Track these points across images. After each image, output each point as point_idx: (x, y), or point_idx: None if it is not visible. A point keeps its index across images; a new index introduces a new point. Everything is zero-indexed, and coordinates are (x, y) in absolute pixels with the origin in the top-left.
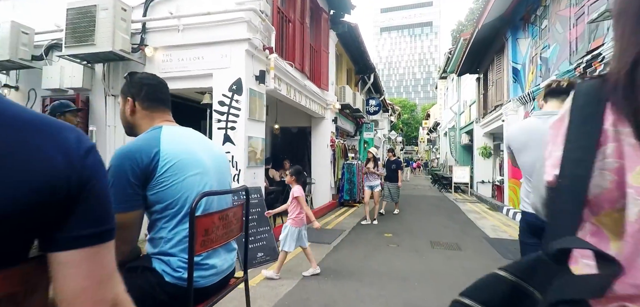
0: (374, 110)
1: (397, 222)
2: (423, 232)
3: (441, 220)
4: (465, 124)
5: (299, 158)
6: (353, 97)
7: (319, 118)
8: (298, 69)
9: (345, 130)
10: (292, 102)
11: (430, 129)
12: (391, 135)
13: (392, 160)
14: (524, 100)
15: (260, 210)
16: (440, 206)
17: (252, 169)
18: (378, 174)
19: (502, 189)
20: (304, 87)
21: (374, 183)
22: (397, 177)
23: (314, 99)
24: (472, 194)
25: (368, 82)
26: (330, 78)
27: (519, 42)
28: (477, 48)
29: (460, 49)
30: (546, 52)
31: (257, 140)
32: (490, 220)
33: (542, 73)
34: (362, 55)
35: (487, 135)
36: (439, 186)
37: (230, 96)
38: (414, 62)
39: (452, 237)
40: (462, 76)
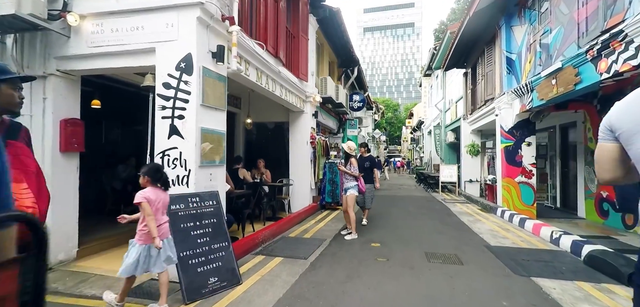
0: (358, 106)
1: (385, 228)
2: (416, 240)
3: (433, 224)
4: (451, 122)
5: (276, 156)
6: (335, 90)
7: (297, 112)
8: (271, 53)
9: (327, 127)
10: (264, 92)
11: (414, 127)
12: (375, 133)
13: (366, 157)
14: (520, 92)
15: (215, 221)
16: (430, 207)
17: (207, 168)
18: (350, 174)
19: (494, 188)
20: (278, 74)
21: (349, 185)
22: (373, 178)
23: (291, 90)
24: (460, 193)
25: (351, 76)
26: (310, 68)
27: (514, 30)
28: (466, 40)
29: (447, 43)
30: (547, 38)
31: (216, 134)
32: (486, 223)
33: (542, 60)
34: (345, 46)
35: (475, 133)
36: (424, 186)
37: (178, 77)
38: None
39: (449, 247)
40: (448, 72)
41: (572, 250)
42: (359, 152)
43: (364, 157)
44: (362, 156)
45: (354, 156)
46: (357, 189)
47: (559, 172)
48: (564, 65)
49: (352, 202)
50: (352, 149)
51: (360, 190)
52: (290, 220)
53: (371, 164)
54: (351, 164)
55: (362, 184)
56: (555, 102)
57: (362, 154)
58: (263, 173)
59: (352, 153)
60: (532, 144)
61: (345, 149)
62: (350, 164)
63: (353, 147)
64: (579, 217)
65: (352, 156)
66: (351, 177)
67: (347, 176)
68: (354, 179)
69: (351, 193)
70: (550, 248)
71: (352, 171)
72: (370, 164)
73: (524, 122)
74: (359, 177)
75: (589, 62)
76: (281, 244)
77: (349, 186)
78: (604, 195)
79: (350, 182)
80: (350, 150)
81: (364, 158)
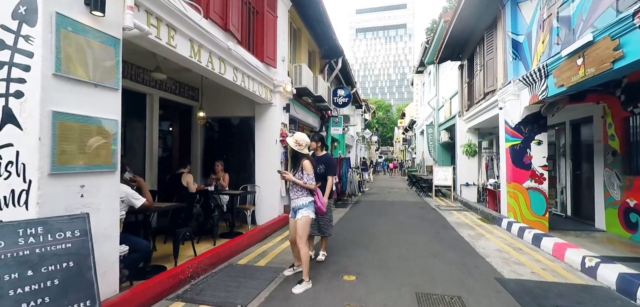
0: (343, 102)
1: (366, 248)
2: (404, 268)
3: (427, 242)
4: (445, 120)
5: (242, 158)
6: (314, 81)
7: (264, 105)
8: (218, 24)
9: (306, 124)
10: (210, 75)
11: (406, 128)
12: (365, 133)
13: (321, 156)
14: (530, 80)
15: (71, 268)
16: (422, 217)
17: (73, 179)
18: (303, 186)
19: (496, 194)
20: (228, 53)
21: (300, 202)
22: (328, 188)
23: (253, 76)
24: (455, 198)
25: (335, 67)
26: (280, 52)
27: (521, 7)
28: (462, 27)
29: (441, 32)
30: (567, 8)
31: (95, 124)
32: (492, 239)
33: (560, 38)
34: (326, 33)
35: (471, 131)
36: (417, 189)
37: (16, 29)
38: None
39: (448, 281)
40: (442, 68)
41: (619, 287)
42: (312, 148)
43: (318, 158)
44: (315, 156)
45: (307, 155)
46: (313, 209)
47: (569, 175)
48: (596, 38)
49: (305, 230)
50: (301, 144)
51: (319, 210)
52: (252, 236)
53: (326, 168)
54: (304, 169)
55: (322, 199)
56: (581, 88)
57: (315, 151)
58: (219, 178)
59: (303, 150)
60: (543, 143)
61: (291, 146)
62: (302, 168)
63: (304, 141)
64: (597, 230)
65: (303, 156)
66: (303, 191)
67: (297, 189)
68: (307, 192)
69: (305, 216)
70: (585, 282)
71: (306, 180)
72: (325, 167)
73: (533, 116)
74: (316, 191)
75: (637, 29)
76: (221, 278)
77: (299, 203)
78: (632, 204)
79: (301, 197)
80: (300, 147)
81: (319, 158)
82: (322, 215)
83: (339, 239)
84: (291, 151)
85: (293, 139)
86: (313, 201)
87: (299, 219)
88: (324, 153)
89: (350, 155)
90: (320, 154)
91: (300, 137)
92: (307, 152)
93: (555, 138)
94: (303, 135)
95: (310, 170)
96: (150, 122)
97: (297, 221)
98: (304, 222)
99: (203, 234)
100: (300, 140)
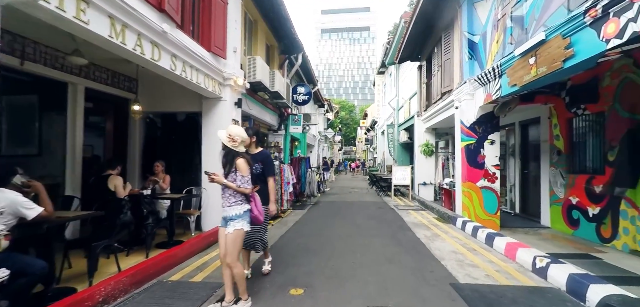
0: (303, 100)
1: (318, 255)
2: (357, 277)
3: (383, 244)
4: (405, 120)
5: (188, 157)
6: (270, 75)
7: (212, 99)
8: (149, 1)
9: (262, 122)
10: (138, 60)
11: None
12: (328, 133)
13: (257, 154)
14: (485, 79)
15: None
16: (380, 217)
17: None
18: (236, 190)
19: (451, 193)
20: (163, 36)
21: (232, 212)
22: (267, 191)
23: (198, 66)
24: (413, 197)
25: (296, 63)
26: (232, 42)
27: (477, 8)
28: (421, 26)
29: (401, 32)
30: (521, 8)
31: None
32: (447, 240)
33: (514, 38)
34: (284, 26)
35: (429, 131)
36: (377, 189)
37: None
38: (353, 65)
39: (403, 289)
40: (402, 68)
41: (569, 288)
42: (245, 144)
43: (254, 156)
44: (250, 153)
45: (242, 153)
46: (248, 219)
47: (518, 174)
48: (548, 37)
49: (236, 247)
50: (236, 140)
51: (256, 220)
52: (193, 245)
53: (264, 167)
54: (238, 170)
55: (259, 207)
56: (533, 87)
57: (249, 148)
58: (158, 180)
59: (238, 148)
60: (495, 143)
61: (223, 141)
62: (236, 168)
63: (239, 136)
64: (543, 226)
65: (238, 154)
66: (237, 197)
67: (229, 194)
68: (242, 199)
69: (237, 229)
70: (536, 283)
71: (240, 183)
72: (263, 166)
73: (487, 116)
74: (253, 196)
75: (588, 27)
76: (143, 300)
77: (232, 212)
78: (574, 201)
79: (234, 205)
80: (234, 144)
81: (254, 156)
82: (260, 224)
83: (291, 246)
84: (223, 148)
85: (225, 132)
86: (249, 209)
87: (229, 233)
88: (260, 150)
89: (311, 154)
90: (256, 151)
91: (235, 131)
92: (244, 149)
93: (506, 138)
94: (239, 128)
95: (245, 171)
96: (72, 116)
97: (227, 235)
98: (235, 236)
99: (137, 245)
100: (234, 134)
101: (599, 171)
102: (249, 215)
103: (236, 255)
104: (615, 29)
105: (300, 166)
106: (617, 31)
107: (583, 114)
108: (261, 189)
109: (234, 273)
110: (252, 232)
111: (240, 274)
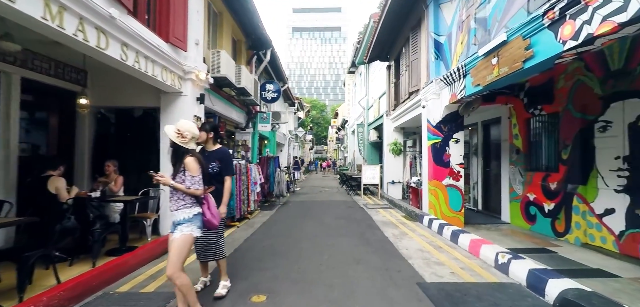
0: (272, 97)
1: (285, 257)
2: (324, 280)
3: (351, 245)
4: (374, 119)
5: (146, 157)
6: (236, 70)
7: (172, 94)
8: None
9: (228, 119)
10: (82, 48)
11: (339, 127)
12: (298, 132)
13: (214, 151)
14: (450, 79)
15: None
16: (350, 217)
17: None
18: (184, 191)
19: (418, 191)
20: (111, 22)
21: (180, 216)
22: (222, 194)
23: (154, 58)
24: (382, 196)
25: (264, 59)
26: (194, 34)
27: (443, 9)
28: (389, 26)
29: (370, 32)
30: (484, 9)
31: None
32: (414, 238)
33: (477, 39)
34: (251, 20)
35: (397, 130)
36: (347, 188)
37: None
38: (325, 64)
39: (369, 293)
40: (372, 68)
41: (529, 283)
42: (201, 140)
43: (210, 153)
44: (206, 150)
45: (192, 151)
46: (199, 224)
47: (480, 172)
48: (509, 38)
49: (181, 253)
50: (186, 136)
51: (209, 224)
52: (149, 251)
53: (222, 166)
54: (186, 169)
55: (213, 209)
56: (495, 87)
57: (206, 145)
58: (109, 182)
59: (188, 145)
60: (460, 142)
61: (171, 137)
62: (184, 167)
63: (189, 131)
64: (503, 222)
65: (187, 152)
66: (186, 199)
67: (178, 196)
68: (192, 201)
69: (184, 235)
70: (499, 279)
71: (189, 184)
72: (221, 165)
73: (452, 115)
74: (206, 198)
75: (546, 29)
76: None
77: (180, 216)
78: (531, 198)
79: (182, 208)
80: (183, 140)
81: (211, 154)
82: (214, 229)
83: (256, 248)
84: (171, 145)
85: (173, 128)
86: (200, 213)
87: (175, 238)
88: (218, 147)
89: (281, 154)
90: (213, 148)
91: (185, 126)
92: (194, 147)
93: (469, 137)
94: (188, 123)
95: (195, 170)
96: (5, 110)
97: (175, 242)
98: (181, 242)
99: (84, 253)
100: (184, 129)
101: (554, 168)
102: (200, 219)
103: (179, 264)
104: (572, 30)
105: (269, 165)
106: (573, 33)
107: (540, 114)
108: (218, 190)
109: (177, 286)
110: (207, 239)
111: (185, 286)
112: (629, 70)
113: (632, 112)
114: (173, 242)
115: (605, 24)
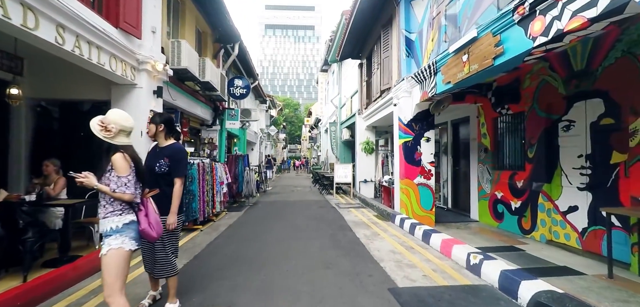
0: (240, 94)
1: (249, 264)
2: (290, 290)
3: (321, 247)
4: (347, 118)
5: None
6: (200, 63)
7: (125, 86)
8: None
9: (192, 115)
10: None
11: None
12: (271, 130)
13: (166, 148)
14: (421, 77)
15: None
16: (321, 217)
17: None
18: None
19: (390, 191)
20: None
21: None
22: (169, 199)
23: (100, 44)
24: (354, 195)
25: (232, 53)
26: (150, 20)
27: (414, 6)
28: (361, 23)
29: (342, 29)
30: (454, 6)
31: None
32: (386, 239)
33: (448, 36)
34: (217, 10)
35: (370, 129)
36: (319, 187)
37: None
38: (298, 63)
39: (338, 302)
40: (344, 66)
41: (501, 286)
42: (150, 134)
43: (161, 150)
44: (159, 147)
45: (121, 147)
46: (133, 236)
47: (450, 170)
48: (480, 35)
49: (114, 272)
50: (111, 129)
51: (147, 235)
52: (93, 260)
53: (171, 164)
54: (113, 168)
55: (152, 218)
56: (465, 85)
57: (158, 141)
58: (47, 184)
59: (115, 140)
60: (431, 140)
61: (93, 130)
62: (111, 167)
63: (117, 123)
64: (472, 220)
65: (116, 149)
66: (115, 204)
67: (106, 201)
68: (123, 208)
69: (112, 248)
70: (471, 281)
71: (115, 187)
72: (170, 163)
73: (423, 114)
74: (144, 203)
75: (516, 25)
76: None
77: (107, 227)
78: (499, 196)
79: (110, 216)
80: (108, 134)
81: (162, 150)
82: (152, 241)
83: (218, 255)
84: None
85: (97, 120)
86: (133, 221)
87: (103, 255)
88: (171, 142)
89: (252, 152)
90: (166, 143)
91: (111, 117)
92: (126, 141)
93: (439, 136)
94: (119, 113)
95: (122, 170)
96: None
97: (105, 258)
98: (110, 260)
99: (14, 266)
100: (109, 121)
101: (520, 167)
102: (135, 228)
103: (117, 285)
104: (541, 26)
105: (238, 165)
106: (543, 29)
107: (507, 113)
108: (165, 194)
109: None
110: (155, 251)
111: None
112: (590, 70)
113: (593, 112)
114: (102, 260)
115: (575, 20)
